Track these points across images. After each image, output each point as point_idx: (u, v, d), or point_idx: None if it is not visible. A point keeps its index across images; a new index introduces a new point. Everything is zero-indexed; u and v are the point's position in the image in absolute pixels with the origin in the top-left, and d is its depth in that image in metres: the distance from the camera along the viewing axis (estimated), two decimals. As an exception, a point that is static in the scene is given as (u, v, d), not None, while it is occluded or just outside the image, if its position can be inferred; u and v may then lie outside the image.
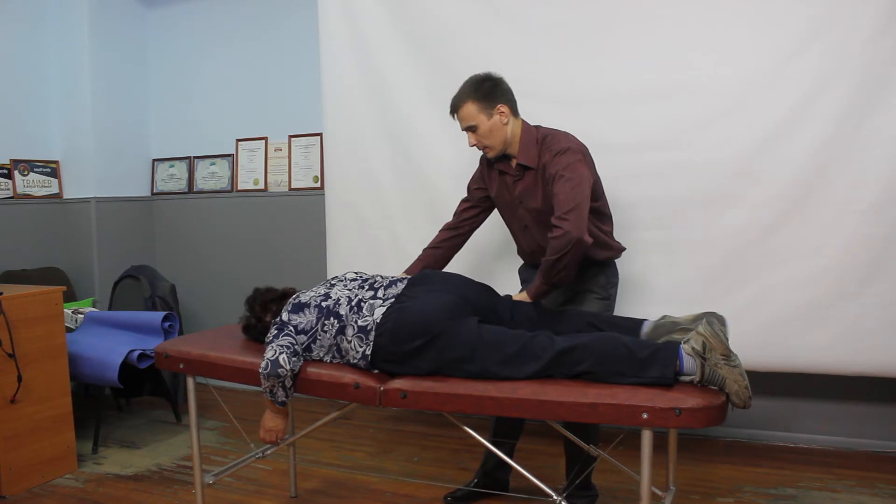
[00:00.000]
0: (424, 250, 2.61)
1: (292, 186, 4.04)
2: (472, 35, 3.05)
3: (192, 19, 4.24)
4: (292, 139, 4.03)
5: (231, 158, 4.23)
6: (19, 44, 3.92)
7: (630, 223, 2.87)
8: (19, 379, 2.75)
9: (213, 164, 4.29)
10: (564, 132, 2.38)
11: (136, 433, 3.53)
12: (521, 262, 2.66)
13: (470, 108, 2.31)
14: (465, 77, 2.46)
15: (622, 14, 2.84)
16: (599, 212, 2.40)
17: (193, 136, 4.33)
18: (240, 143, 4.20)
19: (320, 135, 3.86)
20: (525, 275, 2.62)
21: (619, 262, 2.81)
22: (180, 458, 3.18)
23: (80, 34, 4.00)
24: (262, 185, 4.14)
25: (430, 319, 1.98)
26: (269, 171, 4.11)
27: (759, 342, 2.71)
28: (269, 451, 2.41)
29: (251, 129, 4.15)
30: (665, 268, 2.86)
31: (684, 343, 1.82)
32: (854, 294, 2.65)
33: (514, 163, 2.38)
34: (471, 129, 2.33)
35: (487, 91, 2.32)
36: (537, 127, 2.40)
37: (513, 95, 2.38)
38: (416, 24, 3.16)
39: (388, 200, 3.30)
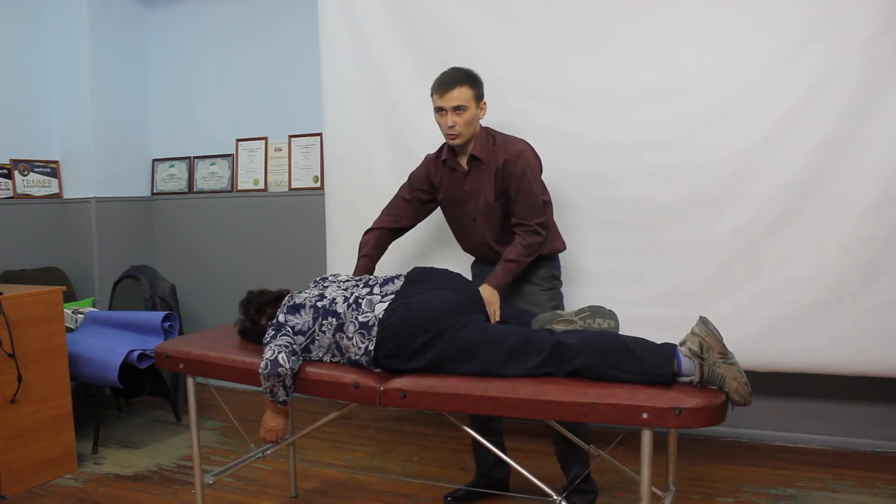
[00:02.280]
0: (364, 259, 2.61)
1: (292, 186, 4.04)
2: (472, 35, 3.05)
3: (192, 19, 4.24)
4: (292, 139, 4.03)
5: (231, 158, 4.23)
6: (19, 44, 3.92)
7: (630, 223, 2.87)
8: (19, 379, 2.75)
9: (213, 164, 4.29)
10: (511, 135, 2.50)
11: (136, 433, 3.53)
12: (458, 257, 2.72)
13: (467, 92, 2.39)
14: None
15: (622, 14, 2.84)
16: (547, 204, 2.53)
17: (193, 136, 4.33)
18: (240, 143, 4.20)
19: (320, 135, 3.86)
20: (477, 271, 2.65)
21: (620, 263, 2.82)
22: (180, 458, 3.18)
23: (80, 34, 4.00)
24: (262, 185, 4.14)
25: (440, 314, 1.99)
26: (269, 171, 4.11)
27: (759, 342, 2.71)
28: (269, 451, 2.41)
29: (251, 129, 4.15)
30: (665, 268, 2.85)
31: (681, 345, 1.82)
32: (854, 294, 2.64)
33: (465, 159, 2.47)
34: (459, 109, 2.39)
35: (480, 84, 2.45)
36: (485, 128, 2.51)
37: None
38: (416, 24, 3.15)
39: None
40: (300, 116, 3.96)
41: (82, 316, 3.57)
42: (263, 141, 4.13)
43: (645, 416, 1.69)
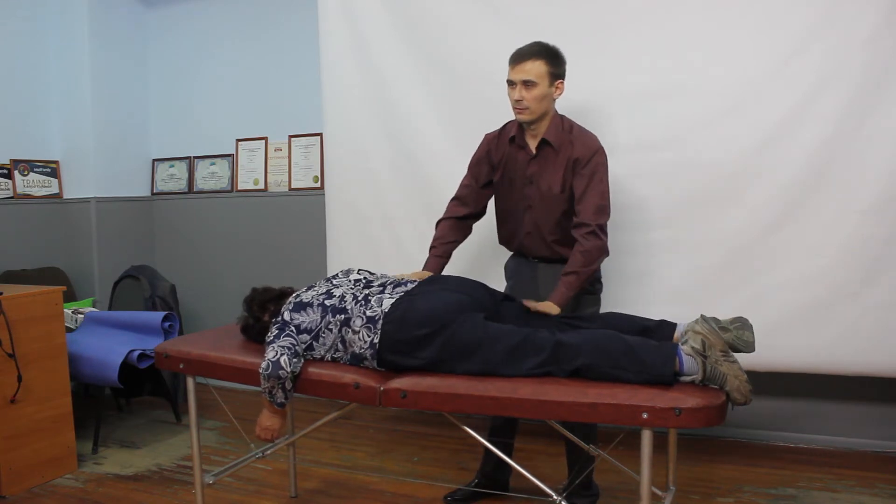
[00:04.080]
0: (440, 247, 2.52)
1: (292, 186, 4.04)
2: (472, 35, 3.05)
3: (192, 19, 4.24)
4: (292, 139, 4.03)
5: (231, 158, 4.23)
6: (19, 44, 3.92)
7: (630, 223, 2.87)
8: (19, 379, 2.75)
9: (213, 164, 4.29)
10: (586, 129, 2.42)
11: (136, 433, 3.54)
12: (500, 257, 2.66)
13: (541, 67, 2.29)
14: (466, 77, 2.44)
15: (622, 14, 2.84)
16: None
17: (193, 136, 4.33)
18: (240, 143, 4.20)
19: (320, 135, 3.86)
20: (513, 268, 2.60)
21: (621, 262, 2.83)
22: (180, 458, 3.18)
23: (80, 34, 4.00)
24: (262, 185, 4.14)
25: (439, 311, 1.99)
26: (269, 171, 4.11)
27: (759, 342, 2.67)
28: (269, 451, 2.41)
29: (251, 129, 4.15)
30: (665, 268, 2.85)
31: (683, 344, 1.82)
32: (854, 294, 2.65)
33: (534, 141, 2.38)
34: (528, 84, 2.29)
35: (561, 62, 2.34)
36: (560, 114, 2.42)
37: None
38: (416, 24, 3.15)
39: (389, 201, 3.30)
40: (300, 116, 3.96)
41: (82, 316, 3.57)
42: (263, 141, 4.13)
43: (645, 416, 1.69)
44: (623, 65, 2.84)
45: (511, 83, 2.32)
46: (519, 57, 2.31)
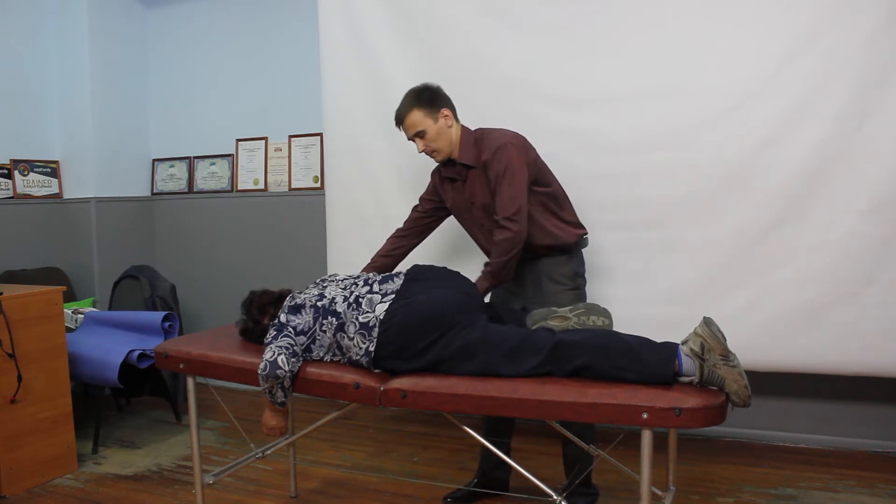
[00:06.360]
0: (375, 258, 2.66)
1: (292, 186, 4.04)
2: (471, 35, 3.04)
3: (192, 19, 4.25)
4: (292, 139, 4.03)
5: (231, 158, 4.24)
6: (20, 44, 3.92)
7: (630, 223, 2.87)
8: (19, 379, 2.75)
9: (213, 164, 4.29)
10: (500, 129, 2.45)
11: (136, 433, 3.54)
12: (478, 259, 2.68)
13: (416, 116, 2.39)
14: (466, 76, 2.46)
15: (623, 15, 2.83)
16: (552, 196, 2.45)
17: (193, 136, 4.33)
18: (240, 143, 4.20)
19: (320, 135, 3.86)
20: None
21: (621, 262, 2.83)
22: (180, 458, 3.19)
23: (80, 34, 4.00)
24: (262, 185, 4.14)
25: (443, 313, 1.98)
26: (269, 171, 4.11)
27: (759, 342, 2.71)
28: (269, 451, 2.41)
29: (251, 129, 4.16)
30: (665, 268, 2.85)
31: (682, 344, 1.82)
32: (854, 294, 2.64)
33: (457, 167, 2.45)
34: (419, 135, 2.41)
35: (430, 98, 2.41)
36: (475, 129, 2.48)
37: (451, 102, 2.46)
38: (416, 25, 3.15)
39: (389, 201, 3.30)
40: (300, 116, 3.96)
41: (82, 316, 3.57)
42: (263, 141, 4.13)
43: (645, 416, 1.69)
44: (623, 64, 2.84)
45: (411, 140, 2.43)
46: (398, 119, 2.44)
